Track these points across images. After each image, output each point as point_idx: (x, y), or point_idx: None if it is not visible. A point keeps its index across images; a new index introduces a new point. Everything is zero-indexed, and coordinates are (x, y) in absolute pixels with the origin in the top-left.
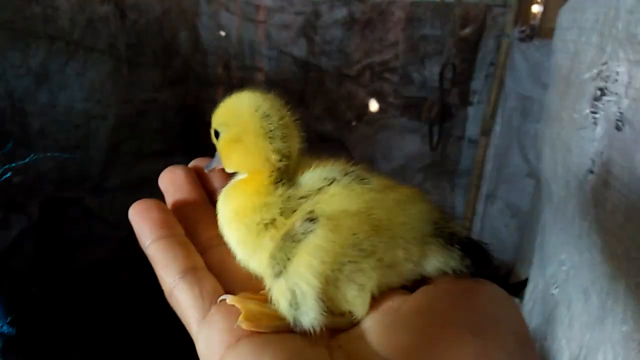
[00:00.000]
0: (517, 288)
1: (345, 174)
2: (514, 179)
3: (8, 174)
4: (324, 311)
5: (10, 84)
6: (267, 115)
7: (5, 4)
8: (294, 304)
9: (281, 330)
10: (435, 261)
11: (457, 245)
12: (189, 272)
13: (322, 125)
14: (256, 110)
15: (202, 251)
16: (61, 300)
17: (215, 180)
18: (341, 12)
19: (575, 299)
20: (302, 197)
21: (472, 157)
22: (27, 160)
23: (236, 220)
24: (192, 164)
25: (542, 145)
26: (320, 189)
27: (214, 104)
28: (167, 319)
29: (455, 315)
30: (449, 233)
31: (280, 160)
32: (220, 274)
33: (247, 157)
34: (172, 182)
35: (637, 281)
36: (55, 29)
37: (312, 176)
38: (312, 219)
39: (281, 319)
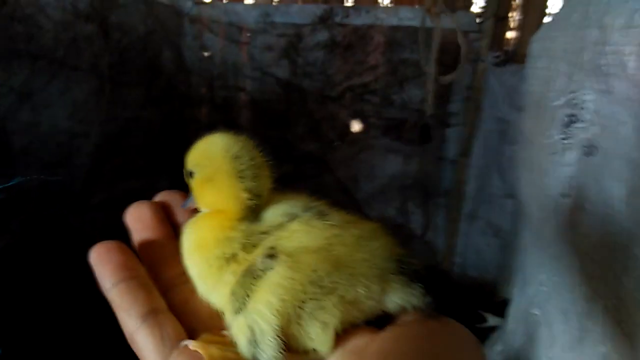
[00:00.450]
0: (499, 307)
1: (305, 210)
2: (494, 199)
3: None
4: (283, 349)
5: None
6: (238, 157)
7: None
8: (253, 341)
9: None
10: (396, 298)
11: (418, 284)
12: (150, 315)
13: (305, 146)
14: (227, 152)
15: (167, 289)
16: (45, 318)
17: (181, 214)
18: (323, 36)
19: (555, 320)
20: (263, 233)
21: (452, 177)
22: (13, 182)
23: (197, 253)
24: (158, 197)
25: (519, 168)
26: (281, 225)
27: (197, 123)
28: None
29: (415, 358)
30: (411, 270)
31: (251, 199)
32: (184, 313)
33: (220, 196)
34: (138, 219)
35: (614, 303)
36: (38, 48)
37: (274, 212)
38: (271, 255)
39: None
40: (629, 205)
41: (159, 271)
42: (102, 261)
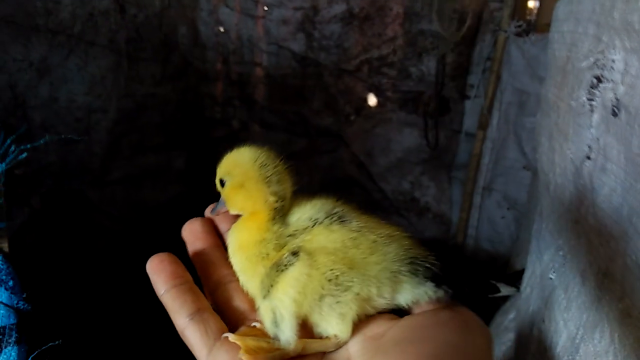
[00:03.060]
0: (513, 278)
1: (328, 215)
2: (510, 171)
3: (24, 155)
4: (298, 332)
5: (11, 78)
6: (264, 165)
7: None
8: (274, 322)
9: (277, 359)
10: (408, 296)
11: (430, 282)
12: (196, 314)
13: (321, 120)
14: (255, 161)
15: (214, 289)
16: (63, 291)
17: (224, 224)
18: (340, 8)
19: (572, 282)
20: (290, 235)
21: (469, 150)
22: (41, 141)
23: (239, 252)
24: (207, 214)
25: (539, 135)
26: (305, 229)
27: (213, 98)
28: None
29: (425, 347)
30: (424, 268)
31: (277, 201)
32: (227, 310)
33: (249, 200)
34: (191, 233)
35: (634, 258)
36: (56, 23)
37: (300, 216)
38: (295, 253)
39: (276, 349)
40: None
41: (208, 274)
42: (156, 271)
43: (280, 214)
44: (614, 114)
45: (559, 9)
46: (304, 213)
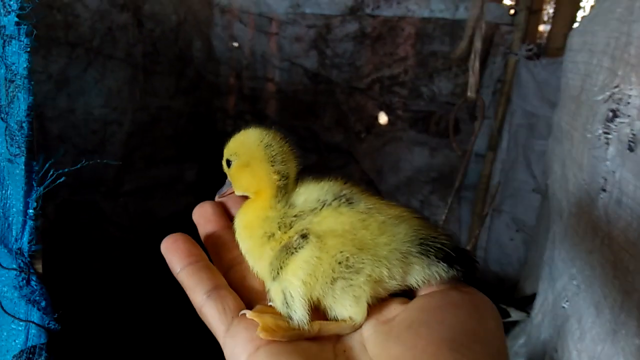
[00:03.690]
0: (523, 303)
1: (336, 197)
2: (519, 193)
3: (62, 179)
4: (309, 311)
5: (31, 89)
6: (269, 145)
7: (28, 11)
8: (285, 303)
9: (294, 338)
10: (419, 277)
11: (442, 263)
12: (213, 291)
13: (331, 136)
14: (261, 142)
15: (227, 270)
16: (77, 299)
17: (235, 208)
18: (352, 27)
19: (586, 313)
20: (295, 216)
21: (478, 171)
22: (78, 166)
23: (245, 232)
24: (217, 199)
25: (551, 162)
26: (312, 210)
27: (225, 112)
28: (177, 318)
29: (438, 330)
30: (435, 248)
31: (280, 180)
32: (241, 288)
33: (254, 179)
34: (202, 215)
35: None
36: (75, 37)
37: (307, 197)
38: (304, 236)
39: (293, 329)
40: None
41: (220, 256)
42: (171, 250)
43: (284, 192)
44: (630, 149)
45: (572, 39)
46: (310, 194)
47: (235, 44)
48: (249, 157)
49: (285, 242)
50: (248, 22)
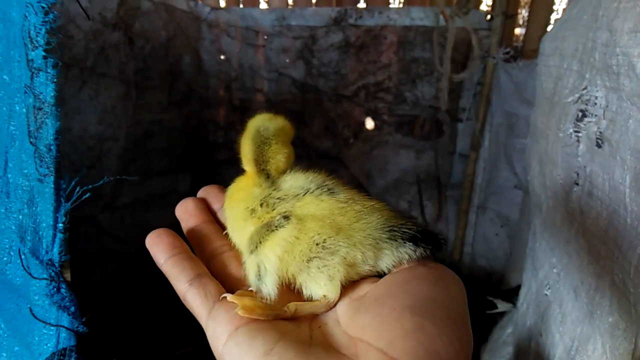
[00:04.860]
0: (509, 295)
1: (319, 187)
2: (502, 190)
3: (87, 195)
4: (278, 285)
5: (58, 115)
6: (265, 128)
7: (54, 45)
8: (258, 276)
9: (271, 318)
10: (389, 261)
11: (408, 243)
12: (196, 279)
13: (320, 143)
14: (260, 124)
15: (209, 260)
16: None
17: (217, 203)
18: (337, 37)
19: (566, 298)
20: (279, 198)
21: (462, 170)
22: (100, 182)
23: (231, 205)
24: (199, 194)
25: (530, 159)
26: (296, 195)
27: (216, 124)
28: (174, 329)
29: (402, 299)
30: (402, 232)
31: (261, 164)
32: (223, 276)
33: (243, 155)
34: (184, 211)
35: (620, 277)
36: (70, 57)
37: (292, 183)
38: (286, 217)
39: (271, 309)
40: (634, 191)
41: (202, 247)
42: (155, 243)
43: (267, 175)
44: (598, 146)
45: (545, 44)
46: (296, 182)
47: (224, 57)
48: (247, 134)
49: (267, 220)
50: (235, 36)
